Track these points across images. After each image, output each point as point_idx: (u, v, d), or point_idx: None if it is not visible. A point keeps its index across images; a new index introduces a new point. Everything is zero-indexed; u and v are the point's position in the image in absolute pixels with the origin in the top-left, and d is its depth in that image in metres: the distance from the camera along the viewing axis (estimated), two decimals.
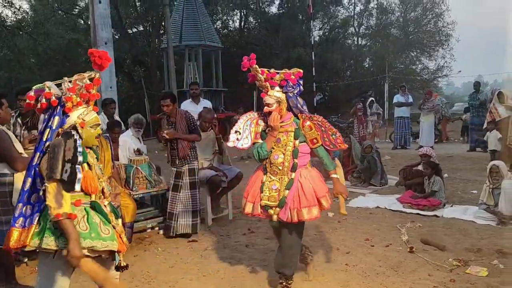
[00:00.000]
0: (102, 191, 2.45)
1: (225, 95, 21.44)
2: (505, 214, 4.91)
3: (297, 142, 3.16)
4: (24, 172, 3.30)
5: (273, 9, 29.15)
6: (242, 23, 29.14)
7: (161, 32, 25.39)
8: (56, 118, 2.30)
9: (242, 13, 28.71)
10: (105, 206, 2.44)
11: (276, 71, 3.22)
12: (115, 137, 5.12)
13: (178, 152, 4.80)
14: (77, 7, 24.94)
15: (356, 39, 30.13)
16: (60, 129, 2.31)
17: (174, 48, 18.18)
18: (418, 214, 5.49)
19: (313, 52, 18.14)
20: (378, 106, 13.85)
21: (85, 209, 2.31)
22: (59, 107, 2.31)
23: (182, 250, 4.49)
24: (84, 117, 2.36)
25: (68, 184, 2.15)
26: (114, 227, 2.40)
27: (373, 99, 13.93)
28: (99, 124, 2.45)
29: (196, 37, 19.84)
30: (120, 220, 2.53)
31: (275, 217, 3.13)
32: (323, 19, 28.61)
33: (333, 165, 3.24)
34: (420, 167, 6.43)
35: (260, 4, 28.60)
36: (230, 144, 3.29)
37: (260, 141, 3.26)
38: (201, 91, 8.08)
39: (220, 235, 4.92)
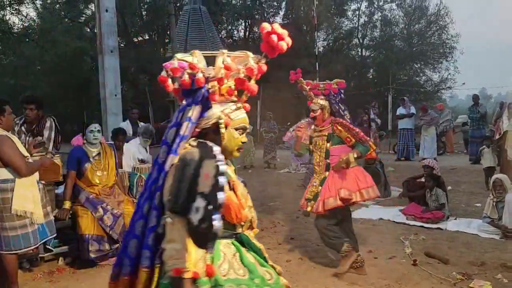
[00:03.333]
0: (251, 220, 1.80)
1: None
2: (509, 228, 4.88)
3: (328, 144, 3.75)
4: (28, 178, 3.33)
5: (278, 20, 29.34)
6: (247, 33, 29.34)
7: (166, 41, 25.59)
8: (198, 107, 1.61)
9: (247, 23, 28.92)
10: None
11: (319, 82, 3.97)
12: (119, 145, 5.15)
13: None
14: (84, 15, 25.21)
15: (360, 50, 30.23)
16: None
17: None
18: (421, 226, 5.46)
19: (317, 63, 18.20)
20: (376, 116, 13.80)
21: (232, 243, 1.67)
22: (203, 90, 1.60)
23: None
24: (231, 113, 1.71)
25: (197, 233, 1.41)
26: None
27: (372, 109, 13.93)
28: (247, 129, 1.80)
29: (201, 46, 19.95)
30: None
31: (309, 208, 3.81)
32: (327, 30, 28.76)
33: (364, 149, 3.73)
34: (423, 179, 6.41)
35: (265, 14, 28.80)
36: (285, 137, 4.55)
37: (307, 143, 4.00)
38: None
39: None
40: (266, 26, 1.74)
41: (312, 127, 3.95)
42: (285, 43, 1.78)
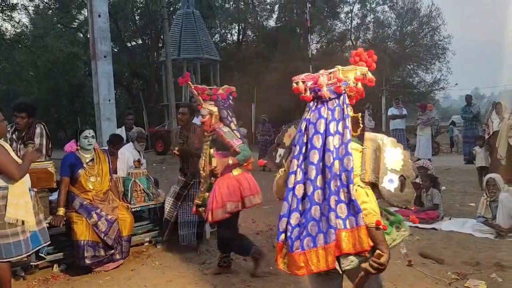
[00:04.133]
0: None
1: None
2: (503, 227, 4.91)
3: (211, 150, 3.69)
4: (20, 185, 3.31)
5: (271, 23, 29.48)
6: (240, 37, 29.41)
7: (160, 45, 25.60)
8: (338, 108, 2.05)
9: (240, 27, 29.00)
10: None
11: (208, 86, 3.89)
12: (114, 151, 5.13)
13: (189, 167, 4.79)
14: (77, 20, 25.18)
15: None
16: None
17: (173, 61, 18.32)
18: (416, 227, 5.46)
19: (310, 65, 18.26)
20: (370, 118, 13.88)
21: None
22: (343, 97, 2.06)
23: (180, 264, 4.46)
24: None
25: (396, 197, 2.03)
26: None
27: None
28: None
29: (194, 50, 20.00)
30: None
31: (203, 215, 3.84)
32: (320, 32, 28.90)
33: (242, 158, 3.73)
34: (418, 180, 6.44)
35: (258, 18, 28.90)
36: None
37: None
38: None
39: (218, 248, 4.89)
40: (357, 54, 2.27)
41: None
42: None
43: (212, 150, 3.69)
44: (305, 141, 2.08)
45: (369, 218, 1.92)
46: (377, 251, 1.89)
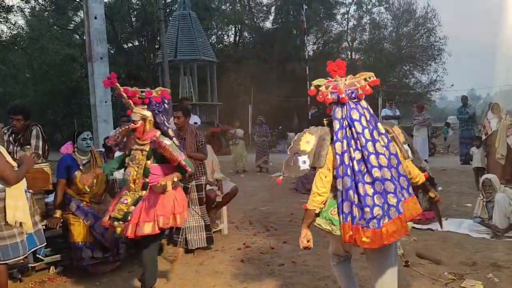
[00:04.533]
0: None
1: (220, 109, 21.52)
2: (499, 227, 4.93)
3: (148, 162, 3.31)
4: (17, 187, 3.30)
5: (268, 24, 29.54)
6: (237, 38, 29.43)
7: (157, 47, 25.59)
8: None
9: (237, 28, 29.03)
10: None
11: (140, 89, 3.40)
12: (110, 154, 5.12)
13: None
14: (73, 22, 25.14)
15: (349, 53, 30.47)
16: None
17: (170, 62, 18.29)
18: (413, 227, 5.48)
19: (307, 66, 18.31)
20: None
21: None
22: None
23: (177, 265, 4.45)
24: None
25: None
26: None
27: None
28: None
29: (191, 52, 19.99)
30: None
31: (119, 229, 3.31)
32: (317, 33, 28.98)
33: (185, 174, 3.42)
34: None
35: (255, 19, 28.94)
36: None
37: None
38: (192, 105, 8.09)
39: (215, 250, 4.89)
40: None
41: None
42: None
43: (149, 162, 3.31)
44: (349, 135, 2.53)
45: (420, 178, 2.72)
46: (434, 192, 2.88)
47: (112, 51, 24.03)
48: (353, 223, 2.45)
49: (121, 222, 3.28)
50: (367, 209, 2.40)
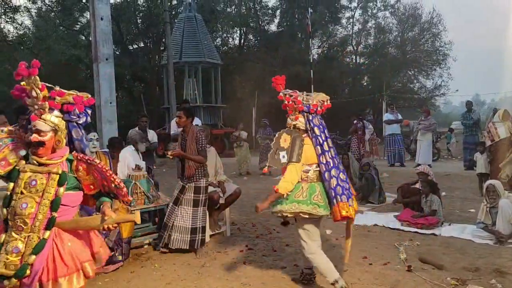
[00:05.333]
0: None
1: (224, 111, 21.55)
2: (503, 233, 4.91)
3: (61, 189, 2.37)
4: None
5: (273, 27, 29.59)
6: (242, 41, 29.49)
7: (162, 48, 25.67)
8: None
9: (242, 31, 29.10)
10: None
11: (65, 90, 2.57)
12: (114, 154, 5.14)
13: (184, 171, 4.80)
14: (79, 23, 25.25)
15: (354, 57, 30.50)
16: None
17: (174, 64, 18.36)
18: (416, 232, 5.48)
19: (311, 70, 18.30)
20: (368, 123, 13.88)
21: None
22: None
23: (179, 266, 4.46)
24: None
25: None
26: None
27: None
28: None
29: (196, 54, 20.05)
30: None
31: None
32: (321, 37, 29.00)
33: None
34: (418, 185, 6.45)
35: (260, 22, 29.00)
36: None
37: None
38: (196, 107, 8.03)
39: (218, 252, 4.90)
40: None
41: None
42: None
43: (62, 190, 2.37)
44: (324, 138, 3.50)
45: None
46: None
47: (117, 52, 24.13)
48: (348, 202, 3.36)
49: (14, 280, 2.26)
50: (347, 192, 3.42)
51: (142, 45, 27.31)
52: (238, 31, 29.20)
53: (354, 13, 29.73)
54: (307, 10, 23.38)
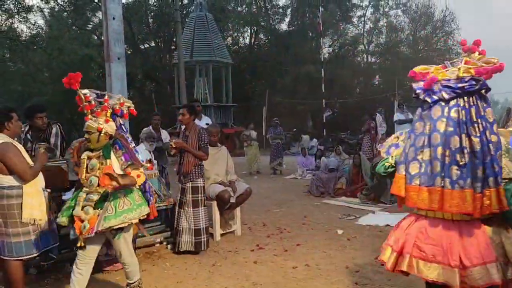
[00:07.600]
0: None
1: (235, 110, 21.58)
2: None
3: (108, 160, 2.98)
4: (34, 185, 3.35)
5: (283, 26, 29.54)
6: (253, 40, 29.49)
7: (173, 48, 25.79)
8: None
9: (253, 30, 29.09)
10: None
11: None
12: None
13: (183, 167, 4.81)
14: (91, 23, 25.48)
15: (365, 56, 30.29)
16: None
17: (185, 63, 18.42)
18: None
19: (322, 69, 18.24)
20: (382, 122, 13.71)
21: None
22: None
23: (190, 265, 4.46)
24: None
25: None
26: None
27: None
28: None
29: (206, 53, 20.09)
30: None
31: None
32: (332, 36, 28.86)
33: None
34: None
35: (271, 21, 28.96)
36: None
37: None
38: (207, 106, 8.05)
39: (228, 251, 4.90)
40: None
41: None
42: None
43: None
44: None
45: None
46: None
47: (129, 52, 24.30)
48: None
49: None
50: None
51: (153, 44, 27.48)
52: (249, 30, 29.21)
53: (366, 12, 29.55)
54: (318, 8, 23.32)
